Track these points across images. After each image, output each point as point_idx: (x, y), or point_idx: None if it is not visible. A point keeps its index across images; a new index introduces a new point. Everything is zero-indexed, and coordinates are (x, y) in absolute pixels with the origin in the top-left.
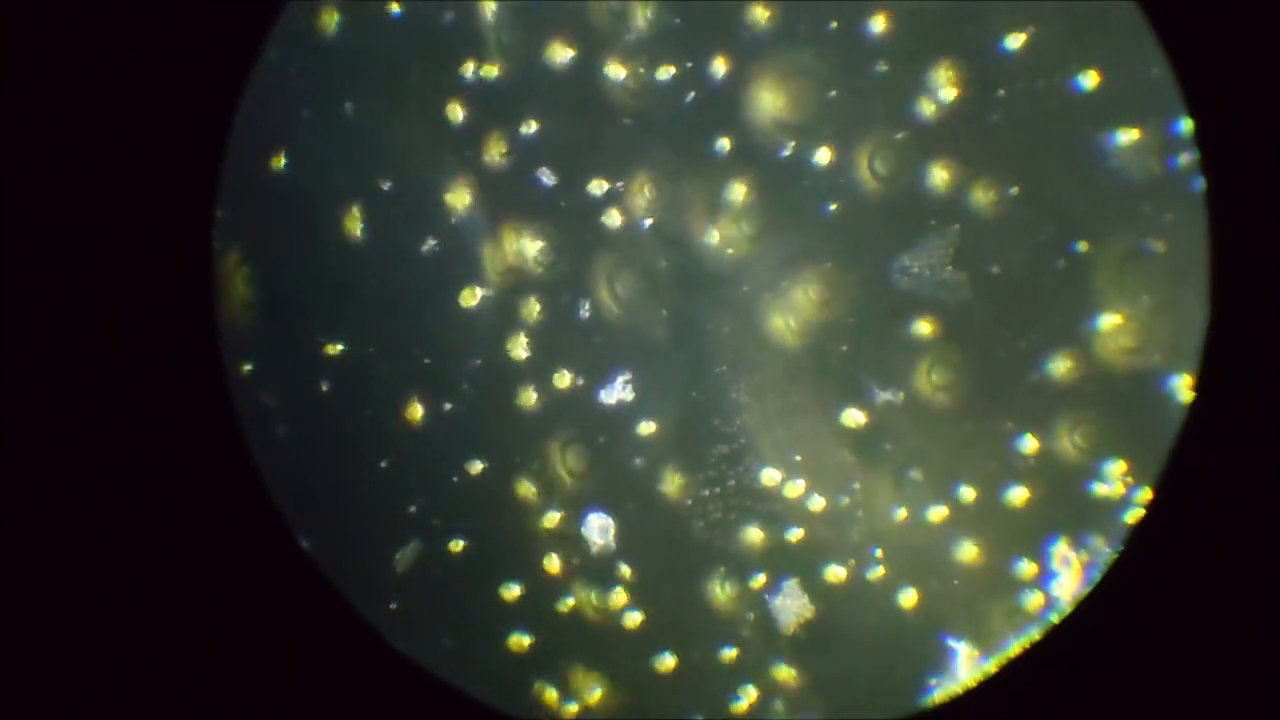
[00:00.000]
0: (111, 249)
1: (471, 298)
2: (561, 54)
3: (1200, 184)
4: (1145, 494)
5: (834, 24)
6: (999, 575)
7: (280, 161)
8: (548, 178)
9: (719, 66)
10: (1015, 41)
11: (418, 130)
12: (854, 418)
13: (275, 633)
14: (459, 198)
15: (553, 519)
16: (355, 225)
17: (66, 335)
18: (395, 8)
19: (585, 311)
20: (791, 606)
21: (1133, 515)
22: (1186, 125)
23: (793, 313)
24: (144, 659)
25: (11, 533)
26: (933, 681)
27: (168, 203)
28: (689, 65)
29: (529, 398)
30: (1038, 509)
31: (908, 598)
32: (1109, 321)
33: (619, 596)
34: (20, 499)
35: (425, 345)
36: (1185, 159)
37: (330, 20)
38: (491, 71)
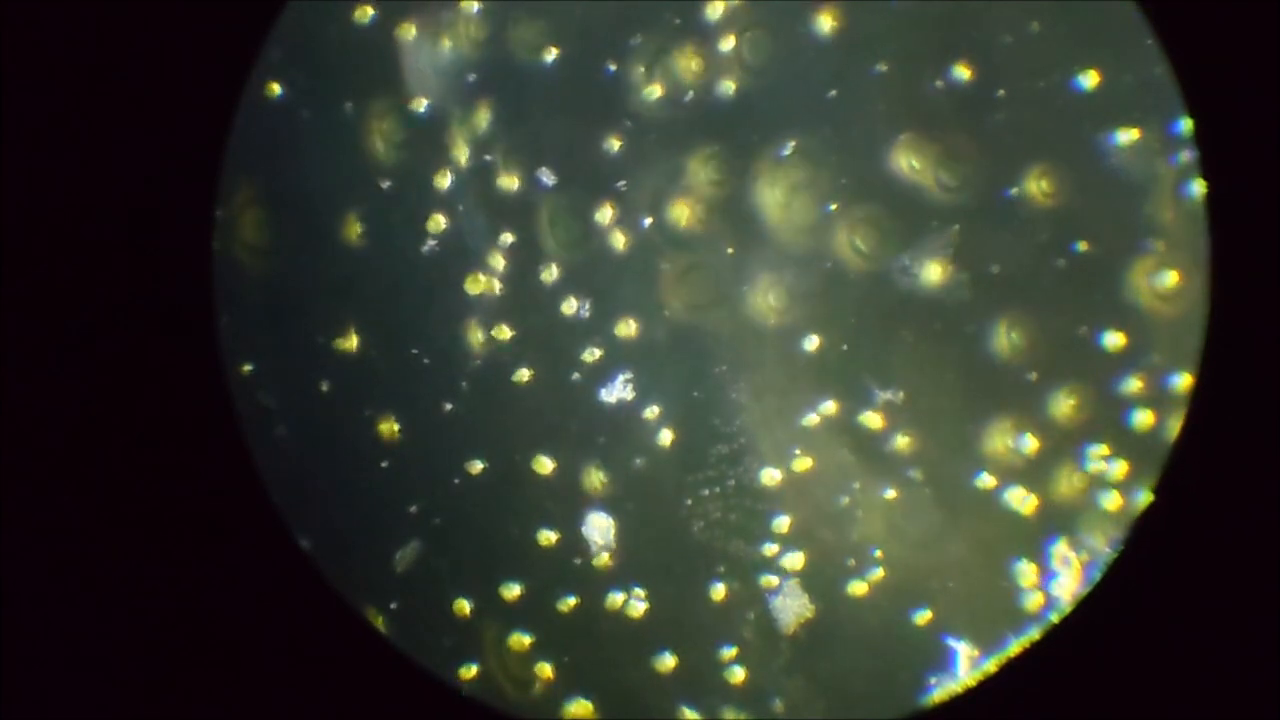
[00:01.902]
0: (111, 249)
1: (475, 285)
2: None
3: (1200, 184)
4: (1145, 494)
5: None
6: (999, 575)
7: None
8: (548, 178)
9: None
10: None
11: (418, 129)
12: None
13: (275, 632)
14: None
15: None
16: (355, 226)
17: (67, 336)
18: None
19: (585, 311)
20: (791, 606)
21: (1133, 515)
22: (1186, 125)
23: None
24: (144, 659)
25: (11, 532)
26: (933, 681)
27: (167, 203)
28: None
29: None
30: (1038, 509)
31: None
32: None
33: (619, 597)
34: (20, 499)
35: (425, 345)
36: (1185, 159)
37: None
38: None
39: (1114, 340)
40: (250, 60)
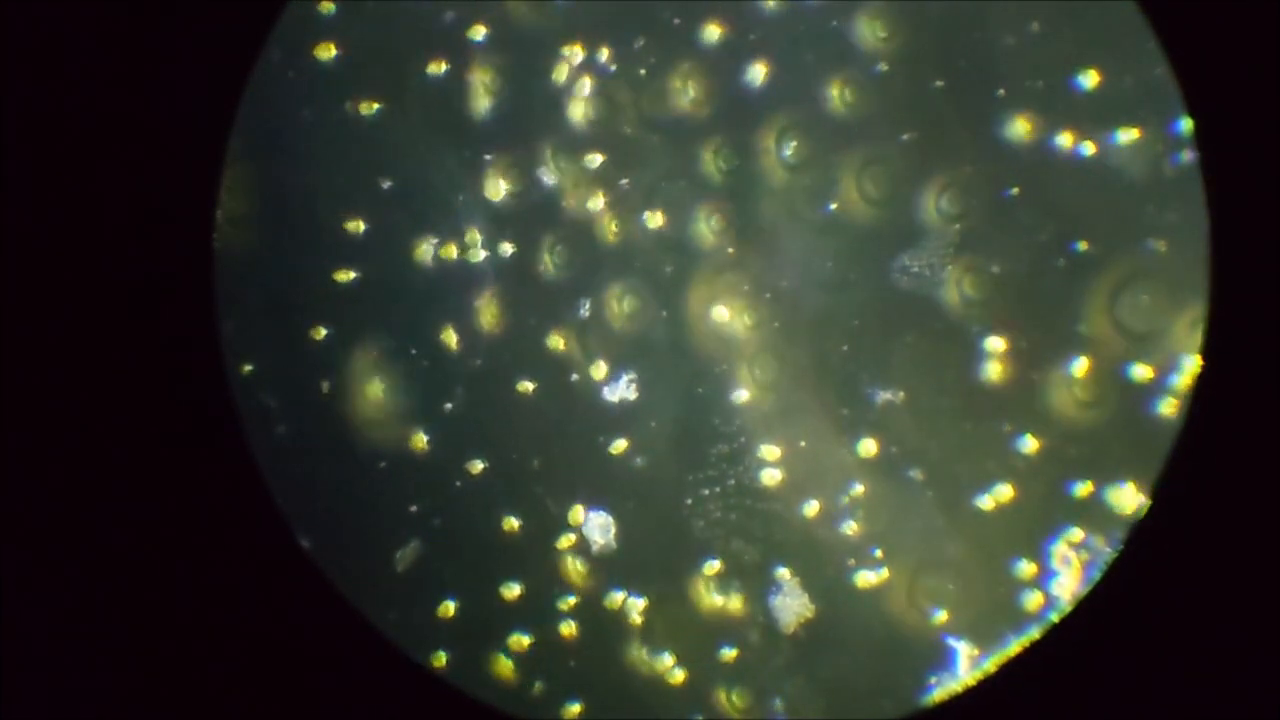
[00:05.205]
0: (113, 249)
1: (476, 254)
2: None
3: (1201, 184)
4: (1145, 494)
5: (834, 23)
6: (999, 575)
7: (330, 51)
8: (548, 177)
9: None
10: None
11: (418, 129)
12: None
13: (276, 632)
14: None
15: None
16: (356, 225)
17: (68, 337)
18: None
19: (585, 311)
20: (791, 606)
21: (1132, 515)
22: (1186, 125)
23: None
24: (145, 658)
25: (13, 532)
26: (933, 681)
27: (168, 203)
28: (685, 65)
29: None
30: (1037, 509)
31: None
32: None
33: (618, 596)
34: (22, 499)
35: (425, 345)
36: (1185, 159)
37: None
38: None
39: (1113, 337)
40: (250, 59)
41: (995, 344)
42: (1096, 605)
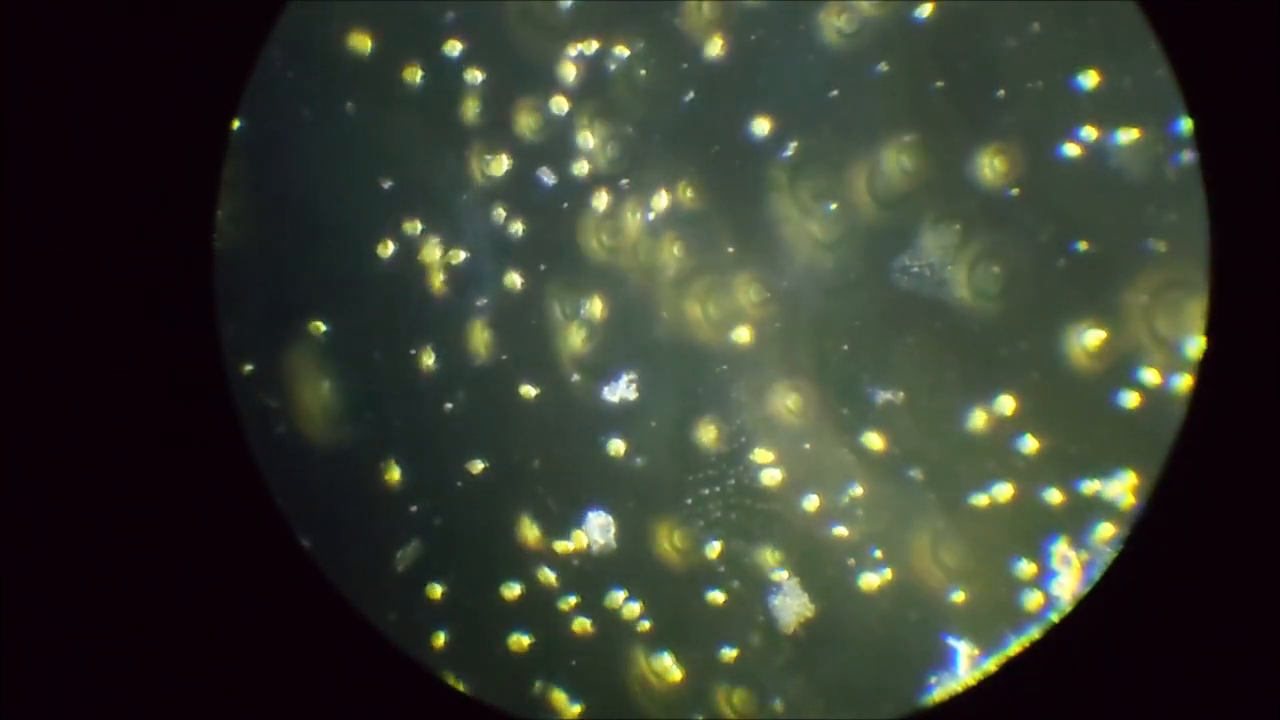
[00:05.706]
0: (112, 249)
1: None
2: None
3: (1201, 184)
4: (1145, 494)
5: (835, 23)
6: (999, 575)
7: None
8: (548, 177)
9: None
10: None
11: (418, 129)
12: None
13: (276, 632)
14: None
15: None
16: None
17: (68, 337)
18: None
19: (585, 311)
20: (791, 606)
21: (1132, 515)
22: (1186, 125)
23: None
24: (145, 658)
25: (14, 532)
26: (933, 681)
27: (168, 203)
28: (685, 66)
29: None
30: (1037, 509)
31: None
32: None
33: (619, 597)
34: (23, 499)
35: (425, 346)
36: (1185, 159)
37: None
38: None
39: (1114, 338)
40: (250, 59)
41: (1005, 403)
42: (1096, 605)
